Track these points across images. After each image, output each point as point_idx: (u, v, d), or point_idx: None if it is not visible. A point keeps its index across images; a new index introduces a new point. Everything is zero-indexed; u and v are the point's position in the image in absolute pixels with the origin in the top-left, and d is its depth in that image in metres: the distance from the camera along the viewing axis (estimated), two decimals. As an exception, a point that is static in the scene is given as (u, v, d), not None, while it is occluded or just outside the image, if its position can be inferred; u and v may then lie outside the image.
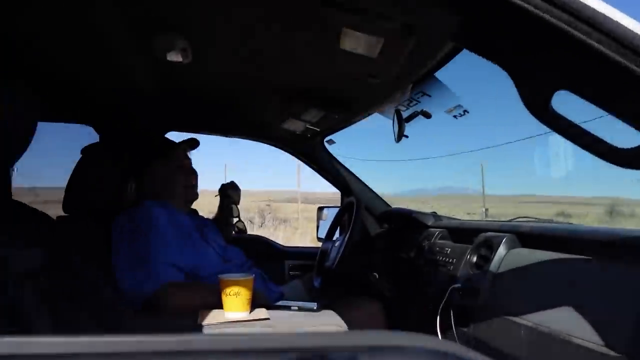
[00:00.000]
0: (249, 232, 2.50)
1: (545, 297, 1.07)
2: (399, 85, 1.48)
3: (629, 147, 0.69)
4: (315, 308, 1.48)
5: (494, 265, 1.31)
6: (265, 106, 1.92)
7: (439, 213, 2.01)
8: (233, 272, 1.63)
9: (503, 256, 1.32)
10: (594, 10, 0.64)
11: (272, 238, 2.59)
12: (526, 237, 1.33)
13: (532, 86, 0.72)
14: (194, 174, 1.84)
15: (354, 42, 1.09)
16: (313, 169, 2.45)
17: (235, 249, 1.89)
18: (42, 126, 2.10)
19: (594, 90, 0.69)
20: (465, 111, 1.51)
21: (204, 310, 1.38)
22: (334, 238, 2.17)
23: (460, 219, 1.88)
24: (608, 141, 0.71)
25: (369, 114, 1.87)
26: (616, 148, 0.70)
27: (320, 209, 2.60)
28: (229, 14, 1.16)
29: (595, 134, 0.71)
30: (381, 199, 2.47)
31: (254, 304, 1.44)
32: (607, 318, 0.88)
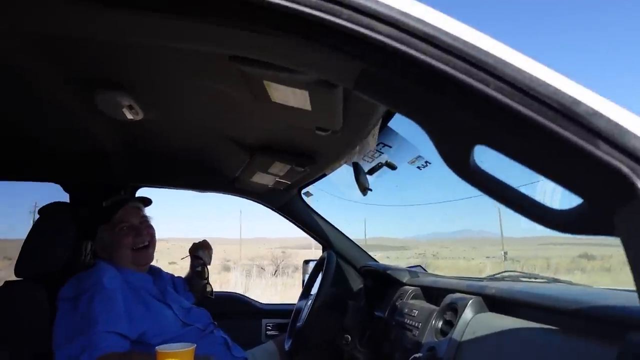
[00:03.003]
0: (261, 280, 2.40)
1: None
2: (355, 137, 1.40)
3: (562, 208, 0.59)
4: None
5: (457, 332, 1.17)
6: (230, 160, 1.85)
7: (457, 256, 1.87)
8: (190, 338, 1.53)
9: (468, 321, 1.18)
10: (494, 56, 0.56)
11: (279, 286, 2.48)
12: (492, 300, 1.20)
13: (448, 140, 0.63)
14: (143, 234, 1.68)
15: (282, 95, 1.02)
16: (291, 222, 2.35)
17: (201, 311, 1.77)
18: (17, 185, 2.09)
19: (514, 147, 0.59)
20: (427, 162, 1.42)
21: None
22: (311, 293, 2.04)
23: (435, 275, 1.73)
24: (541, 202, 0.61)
25: (336, 167, 1.79)
26: (547, 209, 0.60)
27: (306, 262, 2.48)
28: (165, 70, 1.11)
29: (523, 192, 0.61)
30: (363, 250, 2.34)
31: None
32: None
